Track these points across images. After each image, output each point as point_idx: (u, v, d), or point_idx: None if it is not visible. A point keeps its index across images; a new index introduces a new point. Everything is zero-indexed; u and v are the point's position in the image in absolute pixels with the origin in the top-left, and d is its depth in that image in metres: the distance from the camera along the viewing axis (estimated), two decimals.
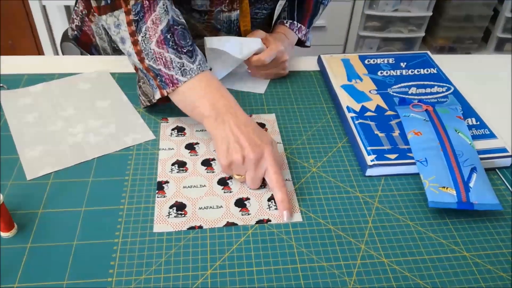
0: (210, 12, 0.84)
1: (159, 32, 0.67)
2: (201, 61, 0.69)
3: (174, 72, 0.67)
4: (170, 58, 0.67)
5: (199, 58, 0.69)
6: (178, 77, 0.67)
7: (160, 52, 0.67)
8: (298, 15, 0.95)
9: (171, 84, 0.68)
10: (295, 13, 0.95)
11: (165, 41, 0.67)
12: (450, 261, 0.59)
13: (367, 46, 2.29)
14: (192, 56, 0.68)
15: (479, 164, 0.68)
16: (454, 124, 0.73)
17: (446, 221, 0.64)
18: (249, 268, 0.56)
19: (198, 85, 0.68)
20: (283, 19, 0.95)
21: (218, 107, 0.66)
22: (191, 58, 0.68)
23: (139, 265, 0.56)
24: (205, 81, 0.68)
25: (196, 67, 0.68)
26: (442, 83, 0.87)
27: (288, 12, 0.95)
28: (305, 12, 0.96)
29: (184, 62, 0.67)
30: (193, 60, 0.68)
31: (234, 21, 0.87)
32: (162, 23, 0.68)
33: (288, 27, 0.94)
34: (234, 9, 0.84)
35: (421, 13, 2.17)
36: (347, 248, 0.59)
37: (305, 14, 0.96)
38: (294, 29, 0.94)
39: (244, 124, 0.65)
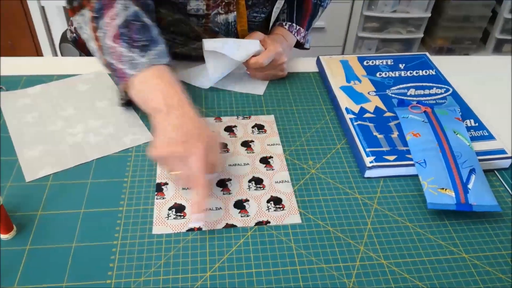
0: (207, 15, 0.84)
1: (115, 27, 0.68)
2: (156, 55, 0.68)
3: (124, 66, 0.68)
4: (121, 52, 0.68)
5: (154, 52, 0.68)
6: (127, 71, 0.67)
7: (114, 47, 0.68)
8: (297, 17, 0.95)
9: (122, 78, 0.69)
10: (294, 15, 0.95)
11: (120, 36, 0.68)
12: (449, 263, 0.59)
13: (366, 47, 2.29)
14: (143, 50, 0.68)
15: (477, 165, 0.68)
16: (452, 126, 0.74)
17: (445, 222, 0.64)
18: (248, 270, 0.56)
19: (149, 79, 0.67)
20: (282, 21, 0.95)
21: (167, 101, 0.65)
22: (142, 52, 0.68)
23: (138, 267, 0.56)
24: (156, 75, 0.67)
25: (146, 60, 0.67)
26: (440, 85, 0.87)
27: (287, 14, 0.95)
28: (304, 14, 0.96)
29: (134, 56, 0.67)
30: (143, 54, 0.67)
31: (231, 23, 0.87)
32: (119, 19, 0.69)
33: (287, 29, 0.94)
34: (230, 11, 0.85)
35: (420, 14, 2.17)
36: (346, 250, 0.59)
37: (304, 16, 0.96)
38: (292, 31, 0.94)
39: (185, 119, 0.63)
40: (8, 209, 0.58)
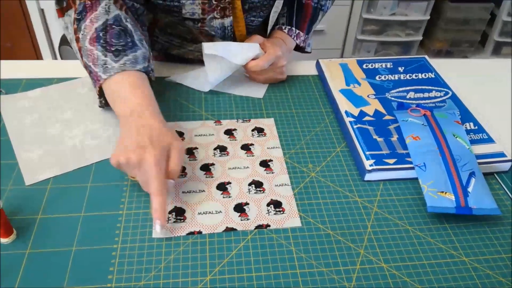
0: (203, 19, 0.84)
1: (93, 30, 0.70)
2: (129, 60, 0.69)
3: (98, 69, 0.69)
4: (97, 55, 0.69)
5: (127, 58, 0.69)
6: (100, 74, 0.68)
7: (91, 49, 0.69)
8: (297, 20, 0.94)
9: (96, 81, 0.70)
10: (293, 19, 0.94)
11: (97, 39, 0.69)
12: (449, 266, 0.59)
13: (364, 50, 2.29)
14: (118, 55, 0.68)
15: (477, 168, 0.68)
16: (452, 129, 0.74)
17: (445, 226, 0.64)
18: (248, 273, 0.56)
19: (117, 84, 0.68)
20: (282, 25, 0.94)
21: (130, 107, 0.65)
22: (116, 57, 0.68)
23: (138, 271, 0.56)
24: (125, 81, 0.68)
25: (118, 66, 0.68)
26: (440, 88, 0.87)
27: (287, 17, 0.94)
28: (304, 17, 0.95)
29: (108, 60, 0.68)
30: (117, 59, 0.68)
31: (228, 27, 0.87)
32: (99, 22, 0.70)
33: (286, 33, 0.93)
34: (226, 15, 0.84)
35: (419, 16, 2.18)
36: (347, 253, 0.59)
37: (304, 19, 0.95)
38: (292, 35, 0.93)
39: (144, 126, 0.62)
40: (8, 213, 0.58)
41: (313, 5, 0.95)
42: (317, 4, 0.95)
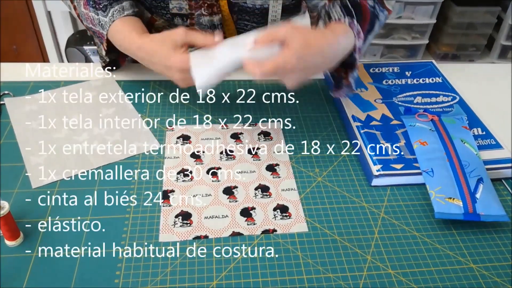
0: (191, 15, 0.83)
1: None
2: (115, 11, 0.76)
3: (98, 28, 0.78)
4: (92, 16, 0.78)
5: (114, 9, 0.76)
6: (101, 31, 0.77)
7: (86, 13, 0.79)
8: (357, 16, 0.72)
9: (102, 38, 0.79)
10: (353, 13, 0.72)
11: (88, 1, 0.78)
12: (456, 273, 0.58)
13: (370, 53, 2.28)
14: (105, 9, 0.77)
15: (485, 174, 0.68)
16: (460, 134, 0.73)
17: (453, 232, 0.64)
18: (255, 278, 0.56)
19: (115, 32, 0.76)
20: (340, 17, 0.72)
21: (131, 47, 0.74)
22: (105, 11, 0.77)
23: (144, 275, 0.56)
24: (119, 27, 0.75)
25: (108, 19, 0.76)
26: (447, 93, 0.87)
27: (342, 11, 0.73)
28: (363, 18, 0.73)
29: (100, 17, 0.77)
30: (106, 13, 0.76)
31: (217, 26, 0.84)
32: None
33: (347, 25, 0.70)
34: (214, 13, 0.82)
35: (425, 20, 2.17)
36: (353, 259, 0.59)
37: (363, 20, 0.73)
38: (354, 29, 0.70)
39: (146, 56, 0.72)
40: (15, 216, 0.58)
41: (370, 9, 0.74)
42: (373, 9, 0.75)
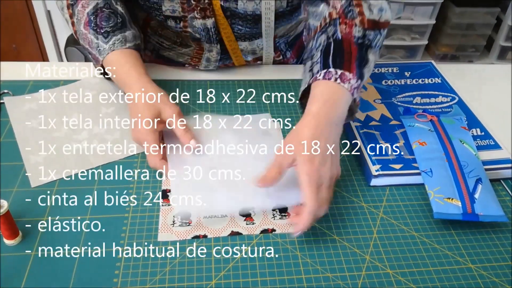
0: (184, 18, 0.82)
1: (86, 15, 0.75)
2: (117, 40, 0.74)
3: (95, 52, 0.75)
4: (91, 39, 0.75)
5: (116, 38, 0.74)
6: (97, 56, 0.75)
7: (85, 33, 0.75)
8: (335, 61, 0.67)
9: (96, 61, 0.76)
10: (329, 60, 0.68)
11: (89, 23, 0.75)
12: (455, 273, 0.58)
13: None
14: (107, 36, 0.74)
15: (484, 175, 0.68)
16: (459, 135, 0.73)
17: (451, 232, 0.64)
18: (253, 278, 0.56)
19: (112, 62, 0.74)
20: (316, 74, 0.68)
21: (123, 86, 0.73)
22: (106, 38, 0.73)
23: (143, 274, 0.56)
24: (115, 60, 0.73)
25: (108, 47, 0.73)
26: (446, 93, 0.87)
27: (321, 62, 0.69)
28: (347, 57, 0.68)
29: (99, 42, 0.74)
30: (107, 40, 0.73)
31: (211, 29, 0.83)
32: (90, 6, 0.76)
33: (322, 78, 0.66)
34: (207, 16, 0.81)
35: (424, 21, 2.17)
36: (352, 259, 0.59)
37: (348, 58, 0.67)
38: (331, 78, 0.65)
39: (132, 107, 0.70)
40: (14, 215, 0.58)
41: (355, 42, 0.70)
42: (362, 40, 0.70)
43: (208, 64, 0.91)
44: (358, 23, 0.70)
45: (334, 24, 0.71)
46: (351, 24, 0.70)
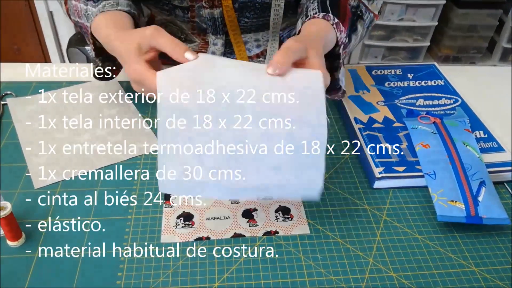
0: (192, 8, 0.83)
1: None
2: (108, 4, 0.70)
3: (83, 20, 0.71)
4: (80, 7, 0.72)
5: (107, 1, 0.70)
6: (86, 24, 0.70)
7: (75, 4, 0.74)
8: (333, 11, 0.70)
9: (86, 32, 0.71)
10: (328, 8, 0.71)
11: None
12: (458, 276, 0.58)
13: (372, 55, 2.29)
14: (97, 1, 0.70)
15: (487, 178, 0.68)
16: (462, 137, 0.73)
17: (455, 235, 0.63)
18: (257, 280, 0.56)
19: (98, 25, 0.68)
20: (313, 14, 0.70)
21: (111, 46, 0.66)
22: (95, 2, 0.70)
23: (146, 276, 0.56)
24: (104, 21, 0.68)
25: (96, 10, 0.69)
26: (449, 95, 0.87)
27: (319, 7, 0.71)
28: (342, 15, 0.71)
29: (88, 7, 0.71)
30: (96, 4, 0.70)
31: (218, 19, 0.84)
32: None
33: (322, 18, 0.69)
34: (215, 6, 0.82)
35: (426, 22, 2.17)
36: (355, 262, 0.59)
37: (343, 17, 0.71)
38: (330, 21, 0.68)
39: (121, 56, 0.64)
40: (17, 216, 0.58)
41: (350, 8, 0.74)
42: (355, 10, 0.75)
43: None
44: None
45: None
46: None
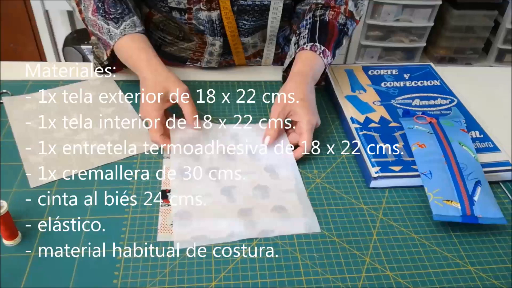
0: (189, 10, 0.84)
1: (92, 2, 0.78)
2: (128, 25, 0.77)
3: (105, 37, 0.78)
4: (101, 24, 0.78)
5: (126, 23, 0.77)
6: (108, 41, 0.77)
7: (94, 20, 0.78)
8: (320, 39, 0.81)
9: (107, 46, 0.79)
10: (316, 36, 0.81)
11: (97, 10, 0.78)
12: (454, 275, 0.59)
13: (368, 55, 2.29)
14: (117, 22, 0.77)
15: (483, 177, 0.68)
16: (458, 137, 0.74)
17: (451, 234, 0.64)
18: (254, 280, 0.56)
19: (124, 46, 0.77)
20: (303, 45, 0.81)
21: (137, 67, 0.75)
22: (116, 24, 0.77)
23: (143, 275, 0.56)
24: (129, 44, 0.76)
25: (119, 32, 0.76)
26: (445, 95, 0.87)
27: (308, 37, 0.82)
28: (329, 37, 0.81)
29: (110, 28, 0.77)
30: (117, 25, 0.76)
31: (215, 22, 0.85)
32: None
33: (309, 50, 0.80)
34: (213, 8, 0.83)
35: (423, 23, 2.18)
36: (352, 261, 0.59)
37: (329, 40, 0.81)
38: (317, 51, 0.79)
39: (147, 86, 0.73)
40: (13, 215, 0.58)
41: (338, 26, 0.83)
42: (343, 27, 0.84)
43: (210, 58, 0.91)
44: (343, 11, 0.84)
45: (325, 9, 0.85)
46: (338, 12, 0.84)
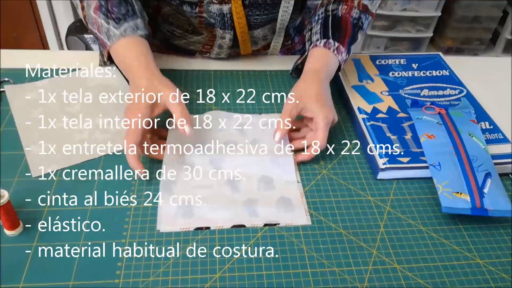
0: (201, 3, 0.82)
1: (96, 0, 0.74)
2: (129, 27, 0.73)
3: (103, 36, 0.74)
4: (101, 23, 0.73)
5: (128, 25, 0.73)
6: (105, 41, 0.73)
7: (95, 18, 0.74)
8: (334, 35, 0.78)
9: (103, 46, 0.75)
10: (329, 33, 0.79)
11: (100, 7, 0.74)
12: (463, 268, 0.57)
13: (374, 45, 2.27)
14: (118, 22, 0.73)
15: (493, 169, 0.66)
16: (468, 128, 0.72)
17: (459, 227, 0.63)
18: (258, 271, 0.55)
19: (120, 49, 0.72)
20: (316, 42, 0.79)
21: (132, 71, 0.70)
22: (117, 24, 0.72)
23: (146, 267, 0.55)
24: (126, 46, 0.72)
25: (119, 33, 0.72)
26: (454, 86, 0.85)
27: (321, 33, 0.79)
28: (343, 33, 0.79)
29: (110, 27, 0.73)
30: (118, 26, 0.72)
31: (226, 15, 0.83)
32: None
33: (323, 47, 0.77)
34: (224, 2, 0.81)
35: (430, 13, 2.15)
36: (359, 253, 0.58)
37: (343, 35, 0.79)
38: (331, 48, 0.77)
39: None
40: (15, 205, 0.57)
41: (352, 21, 0.80)
42: (357, 21, 0.81)
43: (220, 51, 0.90)
44: (356, 5, 0.81)
45: (337, 3, 0.82)
46: (351, 6, 0.81)
